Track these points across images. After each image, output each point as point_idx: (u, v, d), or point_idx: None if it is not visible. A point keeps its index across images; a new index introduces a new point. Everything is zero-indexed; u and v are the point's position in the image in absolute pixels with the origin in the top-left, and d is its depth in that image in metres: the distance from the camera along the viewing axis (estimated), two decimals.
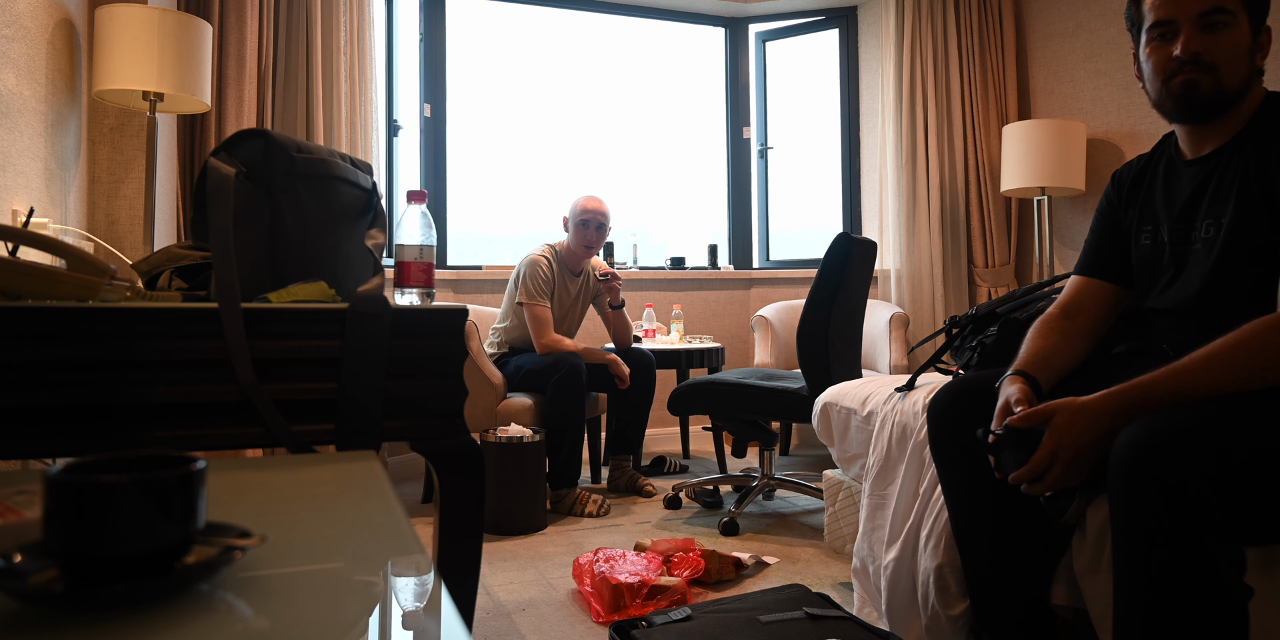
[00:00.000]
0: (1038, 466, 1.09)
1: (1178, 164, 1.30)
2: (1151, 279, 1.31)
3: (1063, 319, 1.36)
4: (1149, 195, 1.34)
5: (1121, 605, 1.01)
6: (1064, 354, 1.30)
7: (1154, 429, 0.98)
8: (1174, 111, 1.24)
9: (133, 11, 2.18)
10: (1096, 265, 1.40)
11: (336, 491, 0.77)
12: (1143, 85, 1.29)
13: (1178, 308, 1.26)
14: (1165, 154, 1.34)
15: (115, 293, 1.03)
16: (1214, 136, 1.24)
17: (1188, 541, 0.93)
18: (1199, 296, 1.22)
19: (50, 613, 0.45)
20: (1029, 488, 1.12)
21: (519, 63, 4.26)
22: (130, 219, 2.43)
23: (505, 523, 2.53)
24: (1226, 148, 1.22)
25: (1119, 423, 1.04)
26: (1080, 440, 1.06)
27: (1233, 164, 1.19)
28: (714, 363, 3.41)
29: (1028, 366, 1.27)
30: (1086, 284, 1.40)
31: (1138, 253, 1.34)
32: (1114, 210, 1.40)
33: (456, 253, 3.92)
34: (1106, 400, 1.07)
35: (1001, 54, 3.82)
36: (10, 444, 0.94)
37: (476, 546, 1.19)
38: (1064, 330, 1.34)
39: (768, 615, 1.61)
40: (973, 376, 1.39)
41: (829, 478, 2.16)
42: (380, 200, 1.37)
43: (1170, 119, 1.27)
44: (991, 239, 3.81)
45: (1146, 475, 0.95)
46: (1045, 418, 1.10)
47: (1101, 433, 1.05)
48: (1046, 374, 1.26)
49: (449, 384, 1.14)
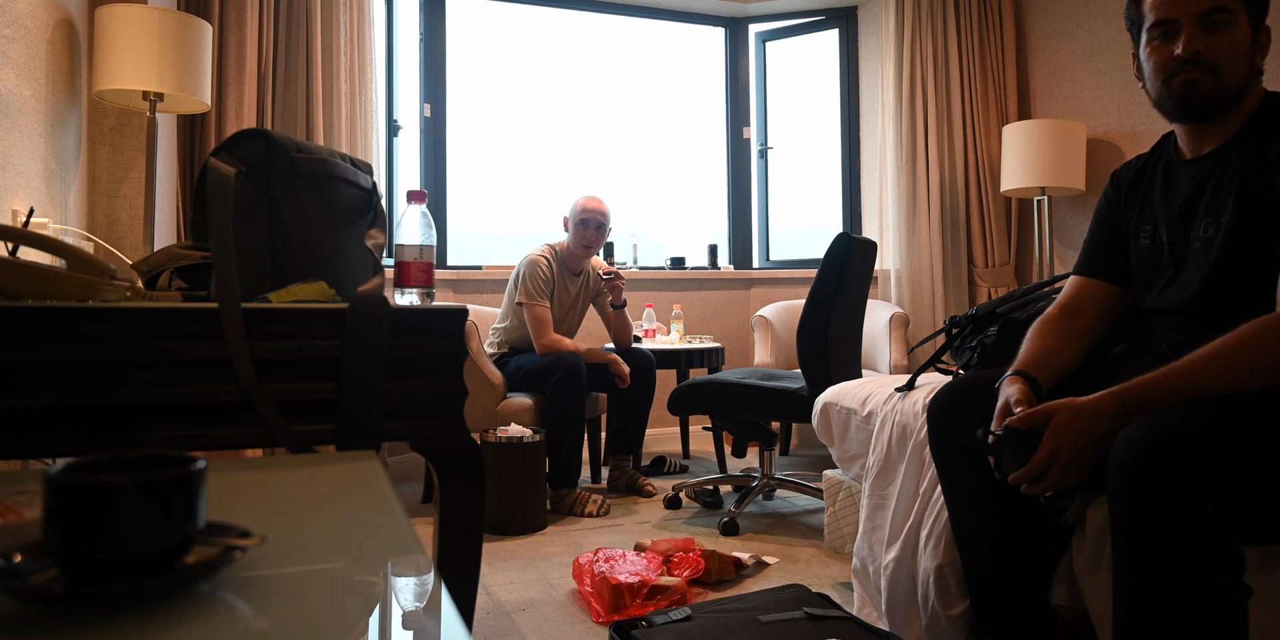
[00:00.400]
0: (1037, 467, 1.09)
1: (1176, 164, 1.30)
2: (1150, 279, 1.31)
3: (1062, 319, 1.36)
4: (1148, 195, 1.34)
5: (1121, 605, 1.01)
6: (1064, 354, 1.30)
7: (1153, 429, 0.98)
8: (1174, 111, 1.24)
9: (133, 11, 2.18)
10: (1095, 265, 1.40)
11: (336, 491, 0.77)
12: (1143, 85, 1.29)
13: (1176, 307, 1.26)
14: (1164, 154, 1.34)
15: (115, 293, 1.03)
16: (1213, 136, 1.24)
17: (1187, 542, 0.93)
18: (1197, 296, 1.22)
19: (50, 613, 0.45)
20: (1029, 488, 1.12)
21: (519, 63, 4.26)
22: (130, 219, 2.43)
23: (505, 523, 2.53)
24: (1226, 147, 1.22)
25: (1118, 423, 1.04)
26: (1080, 440, 1.06)
27: (1232, 163, 1.19)
28: (714, 363, 3.41)
29: (1027, 367, 1.27)
30: (1086, 284, 1.40)
31: (1136, 252, 1.34)
32: (1113, 210, 1.40)
33: (456, 253, 3.92)
34: (1106, 400, 1.07)
35: (1001, 54, 3.82)
36: (10, 444, 0.94)
37: (476, 546, 1.19)
38: (1063, 330, 1.34)
39: (768, 615, 1.61)
40: (973, 376, 1.38)
41: (829, 478, 2.16)
42: (380, 200, 1.37)
43: (1170, 118, 1.27)
44: (991, 239, 3.81)
45: (1146, 475, 0.95)
46: (1044, 418, 1.10)
47: (1101, 433, 1.05)
48: (1046, 374, 1.26)
49: (449, 384, 1.14)
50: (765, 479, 2.73)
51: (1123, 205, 1.38)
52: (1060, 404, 1.09)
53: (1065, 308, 1.38)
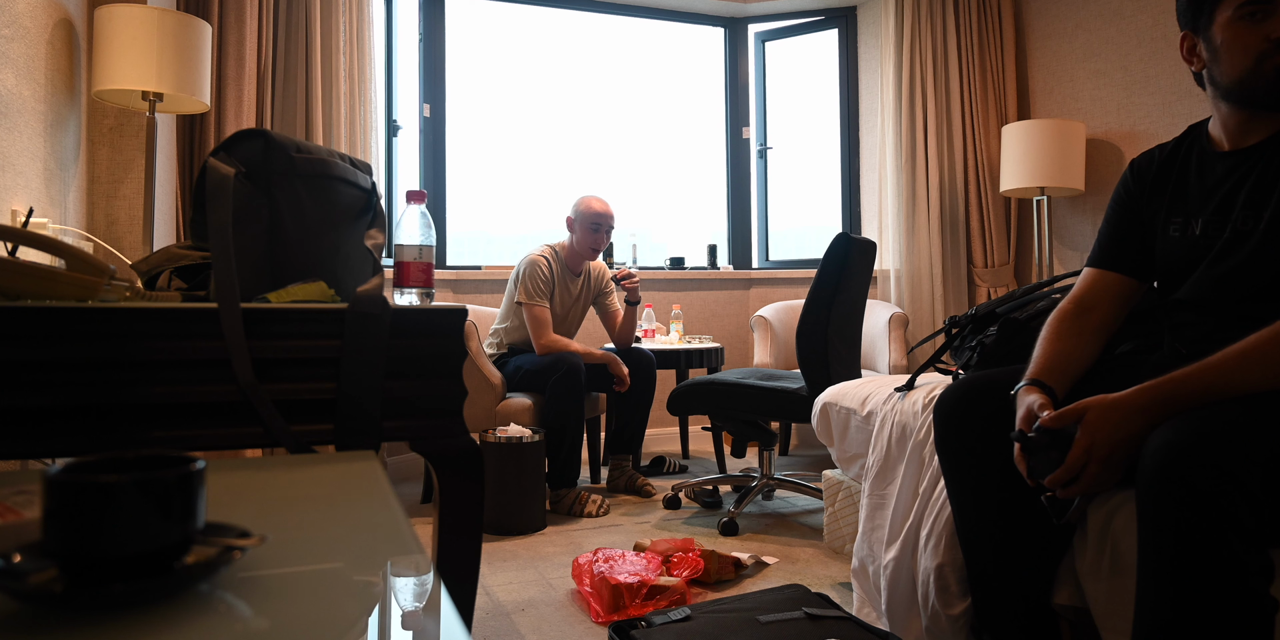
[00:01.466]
0: (1073, 466, 1.07)
1: (1211, 155, 1.26)
2: (1177, 271, 1.28)
3: (1077, 316, 1.33)
4: (1179, 186, 1.29)
5: (1144, 609, 0.99)
6: (1079, 357, 1.28)
7: (1183, 433, 0.96)
8: (1265, 96, 1.15)
9: (132, 11, 2.18)
10: (1111, 257, 1.36)
11: (336, 491, 0.77)
12: (1199, 68, 1.22)
13: (1200, 300, 1.23)
14: (1195, 144, 1.29)
15: (115, 293, 1.03)
16: (1263, 127, 1.19)
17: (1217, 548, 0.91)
18: (1226, 289, 1.19)
19: (49, 613, 0.45)
20: (1065, 491, 1.10)
21: (519, 63, 4.26)
22: (130, 219, 2.43)
23: (505, 523, 2.53)
24: (1272, 140, 1.18)
25: (1152, 419, 1.03)
26: (1114, 437, 1.04)
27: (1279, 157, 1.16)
28: (713, 363, 3.41)
29: (1043, 374, 1.24)
30: (1101, 277, 1.36)
31: (1164, 245, 1.30)
32: (1133, 200, 1.36)
33: (456, 253, 3.92)
34: (1139, 396, 1.05)
35: (1001, 54, 3.82)
36: (10, 444, 0.94)
37: (476, 546, 1.19)
38: (1078, 331, 1.31)
39: (767, 615, 1.61)
40: (980, 375, 1.37)
41: (828, 478, 2.16)
42: (379, 200, 1.37)
43: (1247, 103, 1.19)
44: (991, 239, 3.81)
45: (1177, 479, 0.93)
46: (1077, 416, 1.08)
47: (1135, 429, 1.03)
48: (1061, 380, 1.24)
49: (448, 384, 1.14)
50: (765, 479, 2.73)
51: (1146, 195, 1.34)
52: (1092, 401, 1.08)
53: (1080, 301, 1.35)
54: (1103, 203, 3.49)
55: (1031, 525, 1.28)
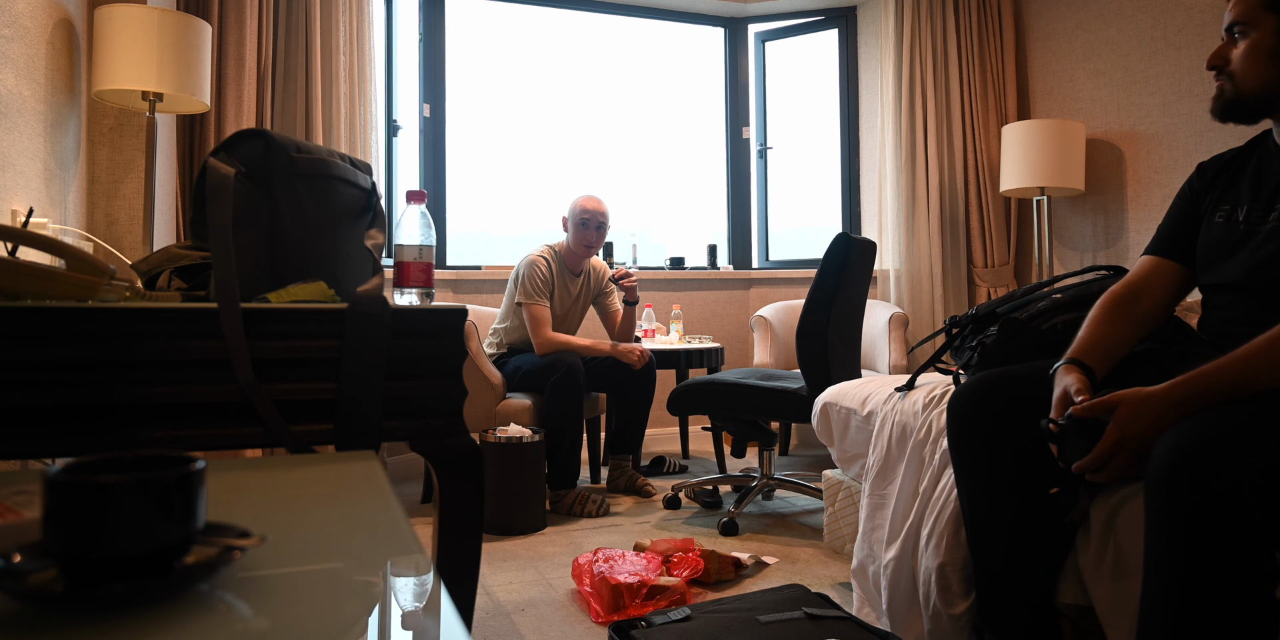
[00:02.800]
0: (1101, 456, 1.09)
1: (1271, 153, 1.30)
2: (1215, 255, 1.31)
3: (1129, 301, 1.35)
4: (1234, 180, 1.33)
5: (1150, 609, 0.99)
6: (1121, 343, 1.30)
7: (1194, 434, 0.97)
8: None
9: (132, 11, 2.18)
10: (1167, 246, 1.40)
11: (336, 491, 0.77)
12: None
13: (1235, 283, 1.25)
14: (1261, 146, 1.34)
15: (115, 293, 1.03)
16: None
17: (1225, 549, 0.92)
18: (1261, 273, 1.21)
19: (50, 613, 0.45)
20: (1092, 477, 1.12)
21: (519, 63, 4.26)
22: (130, 219, 2.43)
23: (505, 523, 2.53)
24: None
25: (1185, 413, 1.03)
26: (1146, 431, 1.05)
27: None
28: (713, 363, 3.41)
29: (1084, 355, 1.25)
30: (1157, 264, 1.39)
31: (1208, 231, 1.33)
32: (1194, 195, 1.40)
33: (456, 253, 3.92)
34: (1172, 391, 1.06)
35: (1001, 54, 3.82)
36: (10, 444, 0.94)
37: (476, 547, 1.19)
38: (1128, 316, 1.32)
39: (767, 615, 1.61)
40: (994, 373, 1.38)
41: (828, 478, 2.16)
42: (379, 200, 1.37)
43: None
44: (991, 239, 3.81)
45: (1186, 481, 0.94)
46: (1109, 409, 1.09)
47: (1166, 424, 1.04)
48: (1102, 362, 1.25)
49: (448, 384, 1.14)
50: (765, 479, 2.73)
51: (1205, 190, 1.38)
52: (1126, 394, 1.09)
53: (1133, 286, 1.37)
54: (1102, 203, 3.49)
55: (1042, 523, 1.29)
